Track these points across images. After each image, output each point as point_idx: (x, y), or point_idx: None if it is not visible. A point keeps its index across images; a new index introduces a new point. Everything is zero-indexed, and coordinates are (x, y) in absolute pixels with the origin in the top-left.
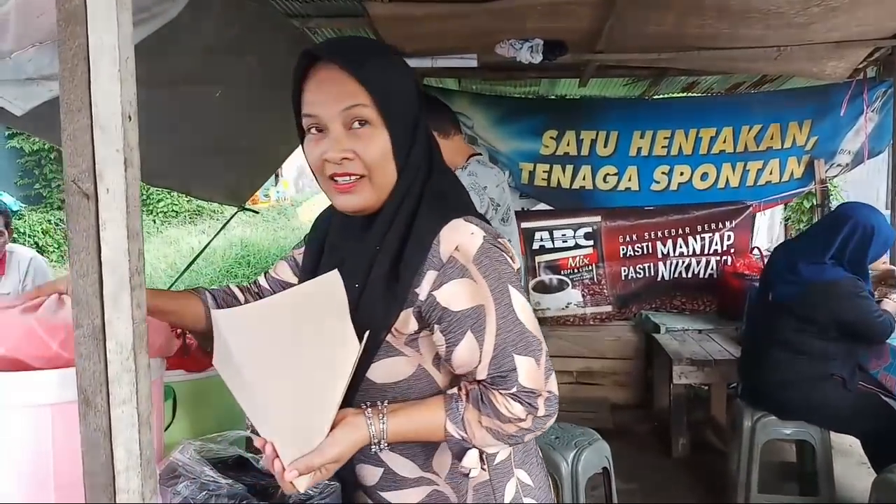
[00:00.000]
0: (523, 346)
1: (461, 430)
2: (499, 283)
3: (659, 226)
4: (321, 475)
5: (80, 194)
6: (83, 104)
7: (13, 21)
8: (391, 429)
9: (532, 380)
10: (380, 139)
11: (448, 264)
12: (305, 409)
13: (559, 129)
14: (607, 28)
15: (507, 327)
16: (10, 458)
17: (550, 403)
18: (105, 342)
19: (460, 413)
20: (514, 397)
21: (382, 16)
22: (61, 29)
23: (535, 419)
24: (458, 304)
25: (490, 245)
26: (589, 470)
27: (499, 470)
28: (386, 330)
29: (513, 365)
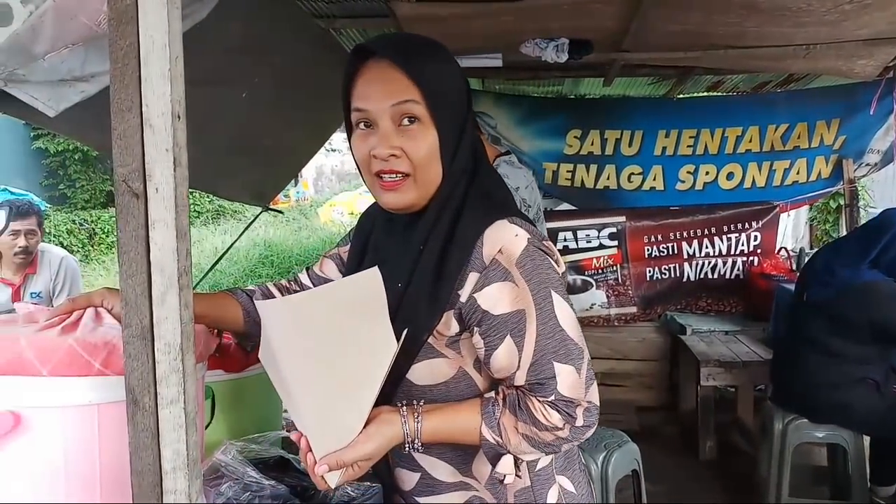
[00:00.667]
0: (564, 354)
1: (496, 434)
2: (541, 288)
3: (684, 226)
4: (353, 472)
5: (129, 194)
6: (133, 103)
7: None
8: (426, 429)
9: (572, 389)
10: (428, 137)
11: (490, 266)
12: (340, 404)
13: (583, 129)
14: (633, 27)
15: (548, 334)
16: (59, 456)
17: (590, 414)
18: (153, 342)
19: (496, 417)
20: (553, 405)
21: (408, 16)
22: (112, 28)
23: (573, 429)
24: (498, 308)
25: (534, 248)
26: (619, 472)
27: (540, 476)
28: (428, 331)
29: (552, 372)
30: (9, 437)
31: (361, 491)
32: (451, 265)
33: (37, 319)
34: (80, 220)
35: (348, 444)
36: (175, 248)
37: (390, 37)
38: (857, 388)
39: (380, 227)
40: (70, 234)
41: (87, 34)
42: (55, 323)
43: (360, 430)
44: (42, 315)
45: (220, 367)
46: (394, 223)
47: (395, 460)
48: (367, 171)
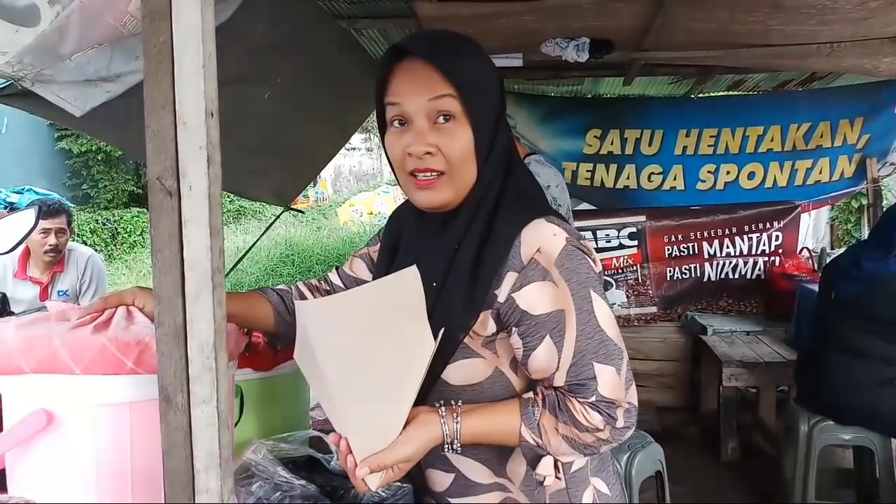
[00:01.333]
0: (604, 355)
1: (536, 435)
2: (581, 288)
3: (705, 225)
4: (393, 474)
5: (162, 192)
6: (167, 101)
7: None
8: (465, 430)
9: (612, 390)
10: (464, 135)
11: (529, 266)
12: (379, 405)
13: (603, 128)
14: (655, 26)
15: (588, 334)
16: (91, 454)
17: (630, 415)
18: (186, 341)
19: (536, 418)
20: (594, 406)
21: (430, 16)
22: (145, 25)
23: (614, 430)
24: (537, 308)
25: (573, 247)
26: (642, 473)
27: (576, 478)
28: (464, 331)
29: (592, 373)
30: (42, 434)
31: (392, 491)
32: (488, 265)
33: (69, 317)
34: (103, 219)
35: (388, 445)
36: (208, 247)
37: (425, 34)
38: (885, 390)
39: (411, 226)
40: (93, 234)
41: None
42: (87, 321)
43: (399, 431)
44: (74, 313)
45: (249, 365)
46: (426, 222)
47: (427, 461)
48: (402, 170)
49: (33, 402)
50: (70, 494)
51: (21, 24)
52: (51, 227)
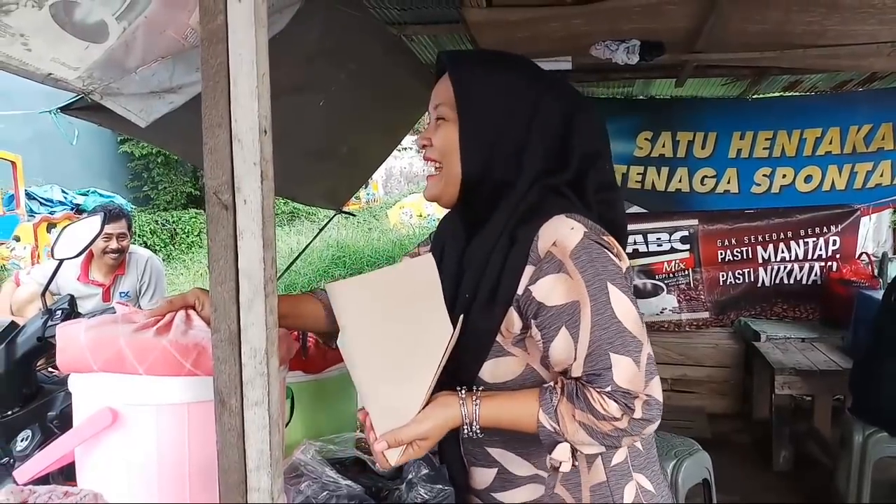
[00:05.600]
0: (620, 345)
1: (554, 421)
2: (596, 280)
3: (759, 230)
4: (413, 452)
5: (219, 205)
6: (223, 119)
7: (140, 38)
8: (483, 413)
9: (628, 380)
10: (450, 133)
11: (545, 259)
12: (400, 384)
13: (654, 131)
14: (707, 27)
15: (604, 324)
16: (152, 451)
17: (650, 407)
18: (240, 346)
19: (554, 405)
20: (610, 395)
21: (479, 22)
22: (204, 48)
23: (632, 421)
24: (553, 300)
25: (591, 241)
26: (689, 481)
27: (616, 472)
28: (492, 332)
29: (608, 363)
30: (107, 431)
31: (434, 493)
32: (511, 268)
33: (134, 320)
34: (162, 220)
35: (407, 423)
36: (262, 258)
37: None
38: None
39: (448, 234)
40: (153, 234)
41: (175, 48)
42: (150, 324)
43: (418, 410)
44: (139, 316)
45: (300, 368)
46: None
47: (470, 459)
48: None
49: (100, 400)
50: (133, 488)
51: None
52: (112, 233)
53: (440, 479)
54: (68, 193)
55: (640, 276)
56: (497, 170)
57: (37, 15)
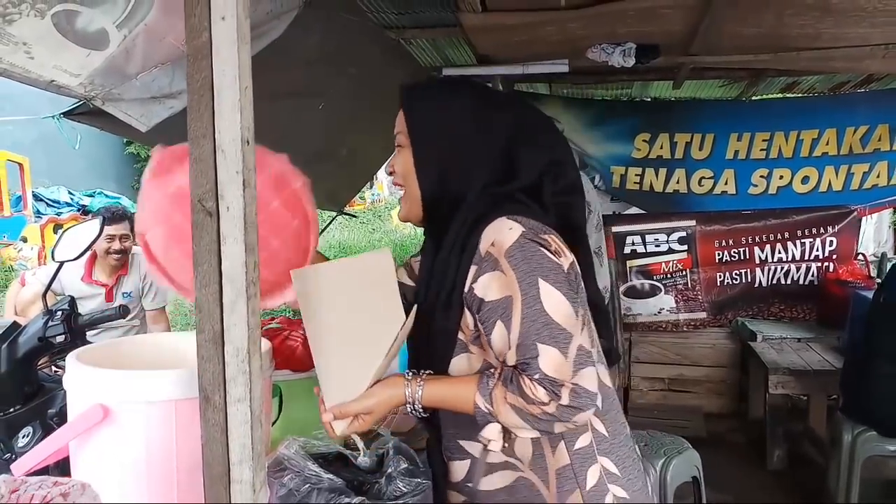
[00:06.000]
0: (547, 336)
1: (488, 403)
2: (528, 276)
3: (757, 230)
4: (357, 425)
5: (203, 212)
6: (207, 131)
7: (140, 45)
8: (426, 393)
9: (555, 369)
10: (407, 157)
11: (484, 258)
12: (351, 363)
13: (652, 132)
14: (702, 30)
15: (532, 317)
16: (142, 445)
17: (577, 396)
18: (224, 346)
19: (490, 388)
20: (539, 382)
21: (475, 26)
22: (190, 63)
23: (560, 407)
24: (490, 295)
25: (527, 240)
26: (677, 478)
27: (580, 455)
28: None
29: (536, 353)
30: (99, 427)
31: (412, 486)
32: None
33: None
34: None
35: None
36: (244, 262)
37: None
38: None
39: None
40: None
41: (175, 54)
42: None
43: (366, 387)
44: None
45: (287, 366)
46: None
47: (447, 455)
48: None
49: (92, 397)
50: (123, 481)
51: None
52: (115, 234)
53: (418, 473)
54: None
55: (638, 276)
56: (451, 187)
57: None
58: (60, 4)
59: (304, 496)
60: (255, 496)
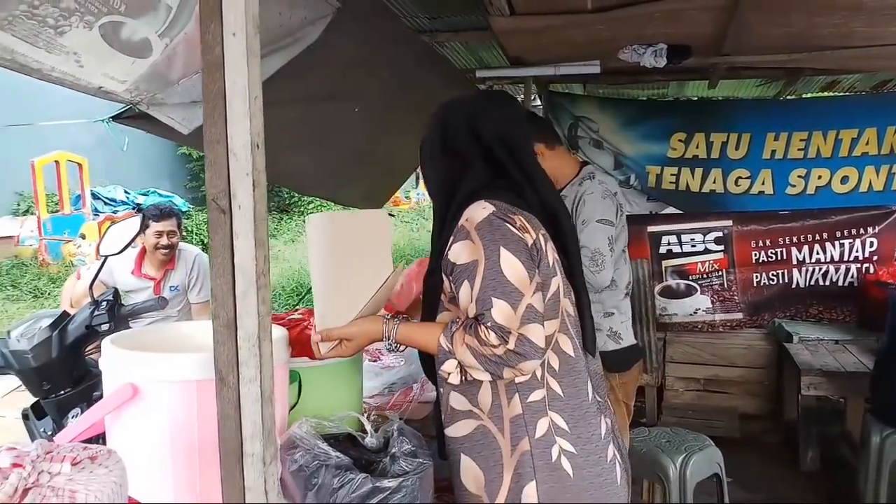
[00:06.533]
0: (501, 293)
1: (449, 343)
2: (492, 244)
3: (794, 231)
4: (340, 349)
5: (218, 210)
6: (221, 136)
7: (181, 52)
8: (400, 331)
9: (505, 319)
10: None
11: (459, 230)
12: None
13: (687, 132)
14: (731, 31)
15: (491, 276)
16: (167, 420)
17: (522, 344)
18: (237, 332)
19: (452, 331)
20: (491, 329)
21: (504, 29)
22: (205, 75)
23: (508, 352)
24: (460, 260)
25: (495, 217)
26: (697, 475)
27: (531, 407)
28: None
29: (490, 305)
30: (129, 404)
31: (414, 466)
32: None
33: None
34: None
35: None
36: (254, 255)
37: None
38: None
39: None
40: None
41: None
42: None
43: (351, 319)
44: None
45: (306, 354)
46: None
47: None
48: None
49: (123, 377)
50: (151, 451)
51: (136, 57)
52: (163, 230)
53: (421, 454)
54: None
55: (674, 276)
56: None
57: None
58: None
59: (312, 472)
60: (266, 468)
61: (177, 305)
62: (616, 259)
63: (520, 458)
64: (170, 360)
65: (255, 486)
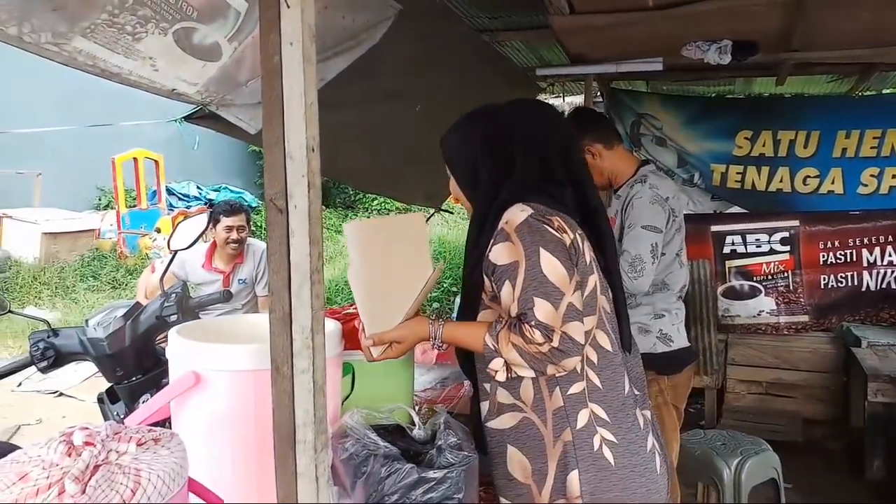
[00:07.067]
0: (542, 292)
1: (494, 342)
2: (531, 245)
3: (865, 232)
4: (390, 352)
5: (275, 210)
6: (279, 140)
7: (249, 55)
8: (445, 332)
9: (547, 317)
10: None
11: (499, 233)
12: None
13: (754, 130)
14: (799, 26)
15: (532, 276)
16: (225, 408)
17: (565, 341)
18: (291, 325)
19: (497, 331)
20: (535, 327)
21: (565, 28)
22: (265, 82)
23: (552, 349)
24: (501, 260)
25: (534, 219)
26: (753, 479)
27: (572, 399)
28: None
29: (533, 304)
30: (192, 391)
31: (460, 458)
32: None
33: None
34: None
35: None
36: (309, 252)
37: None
38: None
39: None
40: None
41: None
42: None
43: (398, 321)
44: None
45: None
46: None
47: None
48: None
49: (187, 365)
50: (211, 436)
51: (207, 60)
52: (232, 225)
53: (466, 447)
54: (203, 189)
55: (738, 277)
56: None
57: (162, 40)
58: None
59: (362, 460)
60: (317, 455)
61: (243, 298)
62: (668, 263)
63: (563, 448)
64: (229, 350)
65: (307, 471)
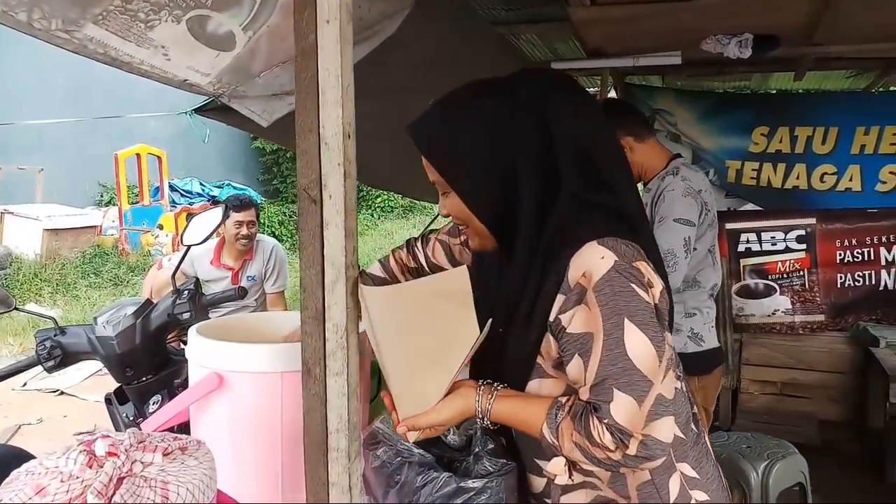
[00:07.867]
0: (625, 383)
1: (553, 436)
2: (613, 315)
3: (884, 230)
4: (431, 433)
5: (308, 200)
6: (313, 126)
7: (264, 45)
8: (496, 410)
9: (627, 419)
10: (454, 199)
11: (573, 289)
12: (423, 377)
13: (770, 126)
14: (826, 19)
15: (612, 360)
16: (252, 411)
17: (647, 447)
18: (325, 323)
19: (557, 421)
20: (608, 428)
21: (584, 20)
22: (297, 63)
23: (626, 456)
24: (572, 328)
25: (617, 273)
26: (780, 483)
27: (659, 468)
28: (530, 355)
29: (610, 398)
30: (215, 393)
31: (499, 466)
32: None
33: None
34: (290, 212)
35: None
36: (343, 246)
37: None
38: None
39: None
40: (281, 225)
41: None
42: None
43: (437, 399)
44: None
45: None
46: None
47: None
48: None
49: (209, 367)
50: (234, 442)
51: (221, 50)
52: (243, 220)
53: (505, 453)
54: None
55: (752, 275)
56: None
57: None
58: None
59: (395, 468)
60: (350, 464)
61: (253, 295)
62: (700, 259)
63: None
64: (256, 350)
65: (340, 481)
